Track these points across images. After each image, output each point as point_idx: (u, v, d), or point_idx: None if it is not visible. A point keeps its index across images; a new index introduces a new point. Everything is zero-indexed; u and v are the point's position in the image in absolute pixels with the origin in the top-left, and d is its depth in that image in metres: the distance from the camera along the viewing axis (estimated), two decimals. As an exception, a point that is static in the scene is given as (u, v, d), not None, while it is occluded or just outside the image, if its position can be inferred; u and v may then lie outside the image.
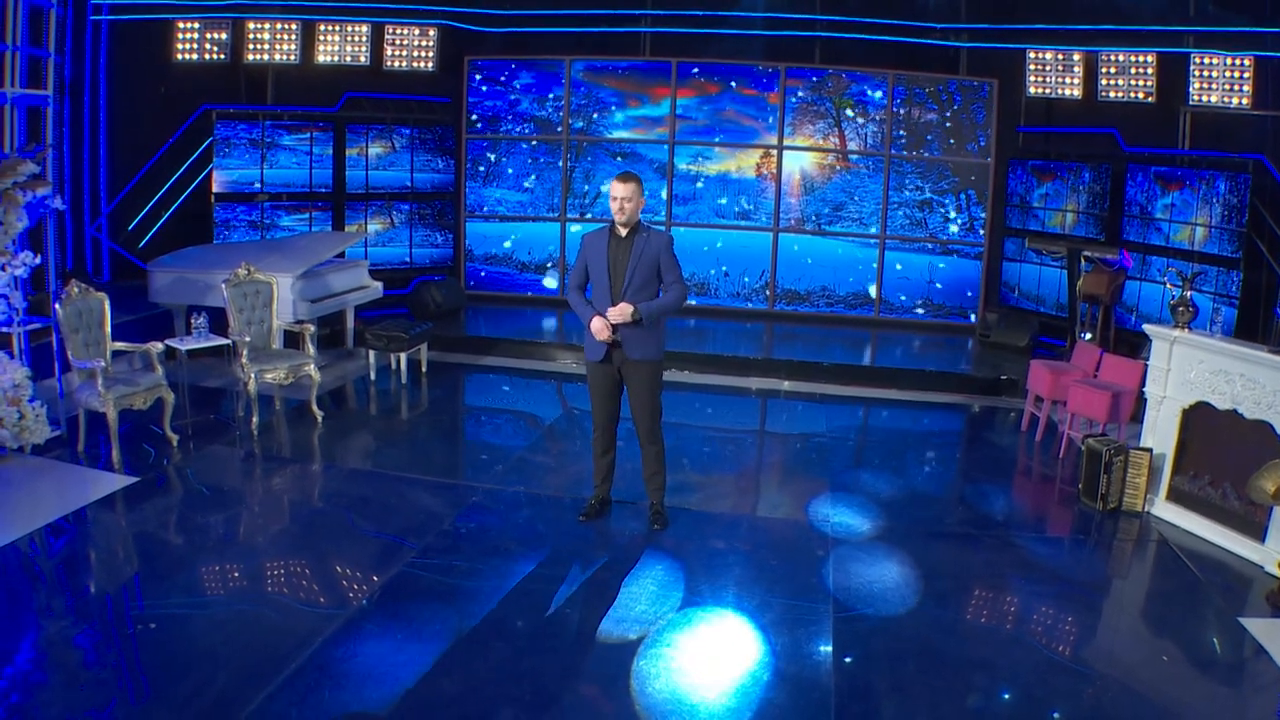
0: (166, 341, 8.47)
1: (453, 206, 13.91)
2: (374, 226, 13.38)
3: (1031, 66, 11.89)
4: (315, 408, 8.79)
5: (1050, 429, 8.87)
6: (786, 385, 10.61)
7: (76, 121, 12.41)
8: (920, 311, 13.01)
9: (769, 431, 9.51)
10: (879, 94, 12.77)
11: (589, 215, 13.59)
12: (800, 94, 12.94)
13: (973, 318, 12.75)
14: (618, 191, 6.12)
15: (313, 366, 8.82)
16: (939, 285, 12.99)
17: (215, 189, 12.54)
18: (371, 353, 10.23)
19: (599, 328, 6.15)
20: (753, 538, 6.60)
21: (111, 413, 7.46)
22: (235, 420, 8.66)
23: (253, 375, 8.44)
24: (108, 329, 8.04)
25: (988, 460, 8.61)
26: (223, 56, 12.87)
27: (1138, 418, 7.76)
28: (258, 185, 12.70)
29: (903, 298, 13.06)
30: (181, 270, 10.24)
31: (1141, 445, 7.11)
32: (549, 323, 12.94)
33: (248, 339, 8.68)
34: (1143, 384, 7.38)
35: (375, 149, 13.35)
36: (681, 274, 6.32)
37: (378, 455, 8.23)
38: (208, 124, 12.56)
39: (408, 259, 13.64)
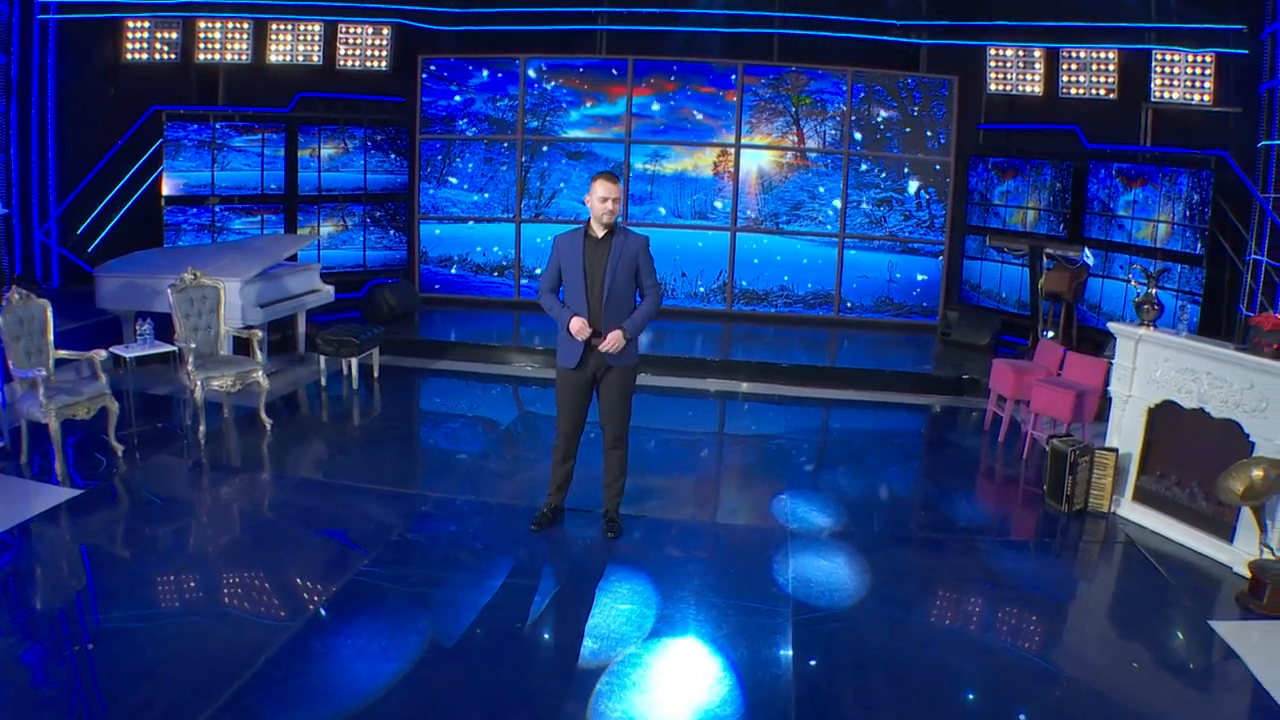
0: (112, 349, 8.29)
1: (406, 208, 13.67)
2: (327, 229, 13.13)
3: (992, 63, 11.81)
4: (264, 415, 8.58)
5: (1013, 429, 8.76)
6: (745, 387, 10.47)
7: (24, 123, 12.08)
8: (880, 310, 12.93)
9: (728, 434, 9.36)
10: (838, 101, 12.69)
11: (543, 216, 13.39)
12: (758, 92, 12.81)
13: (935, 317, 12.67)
14: (608, 192, 5.93)
15: (261, 373, 8.59)
16: (915, 281, 12.90)
17: (165, 191, 12.25)
18: (322, 358, 10.01)
19: (579, 327, 5.96)
20: (711, 545, 6.43)
21: (53, 423, 7.19)
22: (183, 429, 8.41)
23: (199, 383, 8.22)
24: (50, 337, 7.81)
25: (950, 462, 8.51)
26: (173, 56, 12.62)
27: (1102, 416, 7.68)
28: (209, 188, 12.42)
29: (853, 290, 12.96)
30: (129, 275, 9.98)
31: (1107, 445, 7.01)
32: (504, 325, 12.74)
33: (193, 345, 8.45)
34: (1107, 383, 7.29)
35: (328, 150, 13.10)
36: (657, 277, 6.20)
37: (328, 464, 8.00)
38: (157, 125, 12.27)
39: (361, 262, 13.39)
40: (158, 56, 12.57)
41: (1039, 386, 8.10)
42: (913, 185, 12.66)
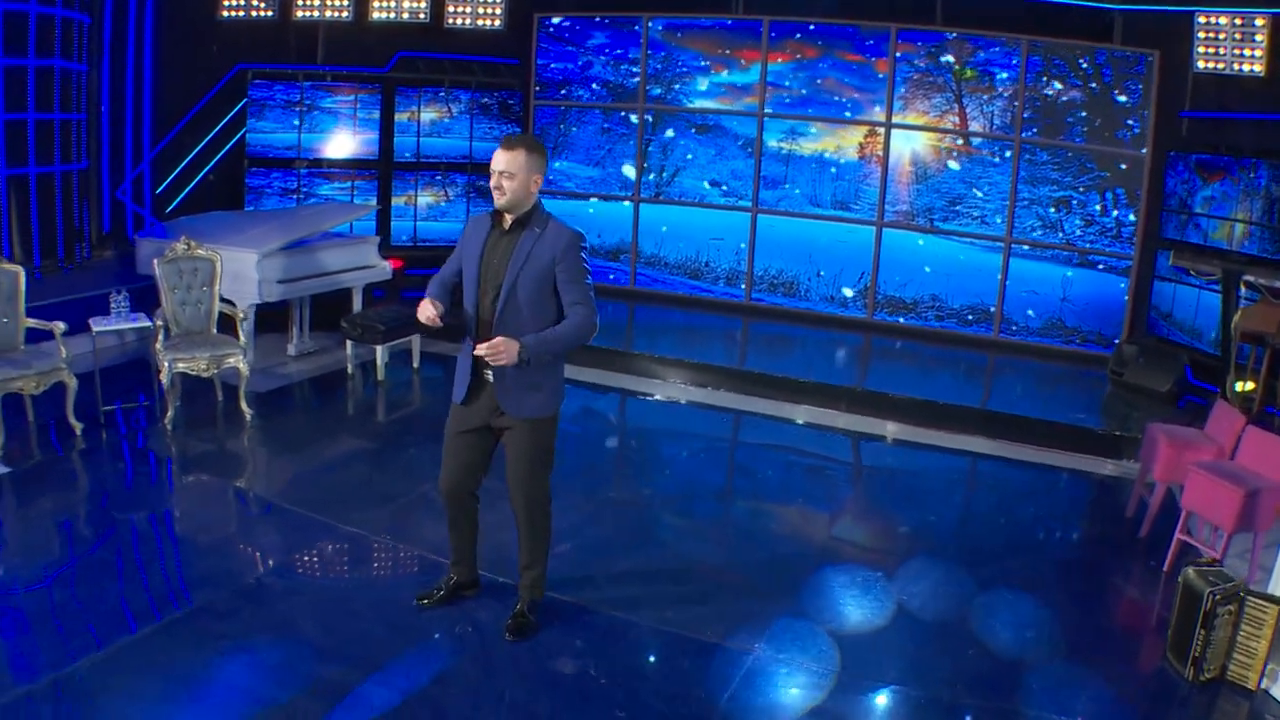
0: (91, 321, 7.63)
1: (516, 180, 12.28)
2: (425, 199, 12.10)
3: (1201, 34, 9.18)
4: (245, 405, 7.76)
5: (1166, 519, 6.44)
6: (844, 419, 8.56)
7: (117, 83, 11.34)
8: (1049, 335, 10.56)
9: (763, 491, 7.27)
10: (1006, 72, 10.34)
11: (664, 196, 11.75)
12: (914, 61, 10.64)
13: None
14: (496, 162, 4.32)
15: (240, 357, 7.68)
16: (1094, 302, 10.42)
17: (248, 154, 11.60)
18: (349, 343, 9.03)
19: (423, 307, 4.38)
20: (628, 661, 4.64)
21: None
22: (162, 412, 7.58)
23: (166, 364, 7.40)
24: (20, 306, 7.25)
25: (1057, 568, 6.05)
26: (269, 14, 11.76)
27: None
28: (294, 150, 11.65)
29: (1030, 312, 10.61)
30: (161, 240, 9.11)
31: (1270, 592, 4.75)
32: (610, 319, 11.17)
33: (160, 323, 7.67)
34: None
35: (429, 114, 12.05)
36: (590, 292, 4.41)
37: (272, 472, 7.06)
38: (243, 85, 11.55)
39: (463, 236, 12.17)
40: (254, 14, 11.74)
41: (1197, 473, 5.82)
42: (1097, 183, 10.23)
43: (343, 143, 11.80)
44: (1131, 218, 10.05)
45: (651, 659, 4.69)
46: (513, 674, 4.46)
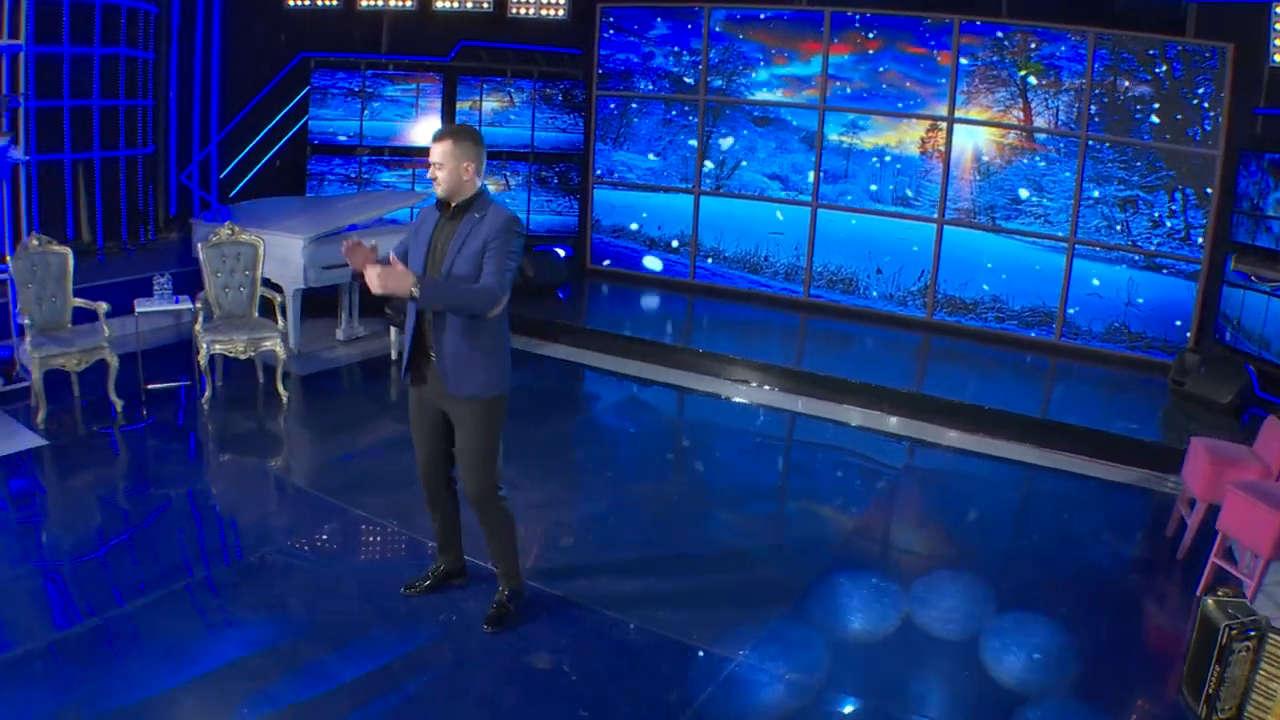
0: (136, 302, 7.92)
1: (579, 170, 12.29)
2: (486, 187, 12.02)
3: (1278, 26, 8.73)
4: (281, 387, 7.91)
5: (1208, 541, 6.11)
6: (893, 423, 8.38)
7: (185, 70, 11.57)
8: (1112, 340, 10.15)
9: (793, 493, 7.20)
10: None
11: (725, 189, 11.64)
12: (978, 54, 10.31)
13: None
14: (432, 152, 4.43)
15: (278, 340, 7.83)
16: (1161, 307, 9.96)
17: (310, 140, 11.78)
18: (394, 330, 9.14)
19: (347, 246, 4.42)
20: (606, 660, 4.57)
21: (36, 373, 7.02)
22: (200, 391, 7.83)
23: (204, 345, 7.62)
24: (69, 285, 7.57)
25: (1082, 588, 5.66)
26: (334, 2, 11.91)
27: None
28: (356, 137, 11.75)
29: (1081, 310, 10.23)
30: (211, 225, 9.31)
31: (1292, 626, 4.46)
32: (666, 312, 11.15)
33: (200, 305, 7.87)
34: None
35: (491, 103, 12.08)
36: (506, 268, 4.35)
37: (297, 454, 7.24)
38: (306, 72, 11.75)
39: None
40: (319, 2, 11.90)
41: (1235, 494, 5.52)
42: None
43: (404, 131, 11.88)
44: (1202, 219, 9.59)
45: (630, 660, 4.61)
46: (484, 665, 4.45)
